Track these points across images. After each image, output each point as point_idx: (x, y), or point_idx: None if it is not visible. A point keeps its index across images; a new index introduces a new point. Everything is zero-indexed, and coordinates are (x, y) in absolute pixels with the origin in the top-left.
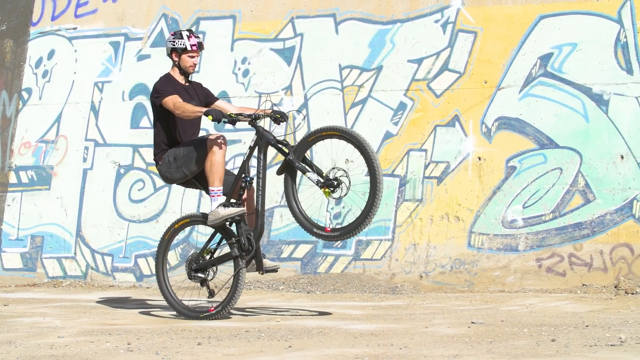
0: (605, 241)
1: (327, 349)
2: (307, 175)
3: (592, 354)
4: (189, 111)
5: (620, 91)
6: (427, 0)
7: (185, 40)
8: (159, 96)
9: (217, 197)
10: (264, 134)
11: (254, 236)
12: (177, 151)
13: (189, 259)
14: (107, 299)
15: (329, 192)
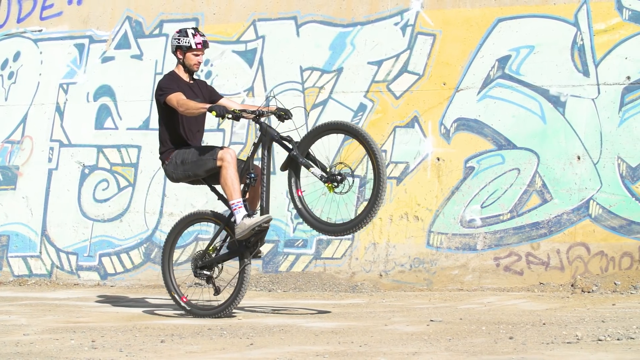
0: (562, 240)
1: (288, 346)
2: (310, 171)
3: (549, 351)
4: (192, 108)
5: (577, 93)
6: (387, 3)
7: (191, 39)
8: (162, 94)
9: (240, 209)
10: (268, 130)
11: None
12: (185, 155)
13: (194, 257)
14: (72, 297)
15: (333, 187)
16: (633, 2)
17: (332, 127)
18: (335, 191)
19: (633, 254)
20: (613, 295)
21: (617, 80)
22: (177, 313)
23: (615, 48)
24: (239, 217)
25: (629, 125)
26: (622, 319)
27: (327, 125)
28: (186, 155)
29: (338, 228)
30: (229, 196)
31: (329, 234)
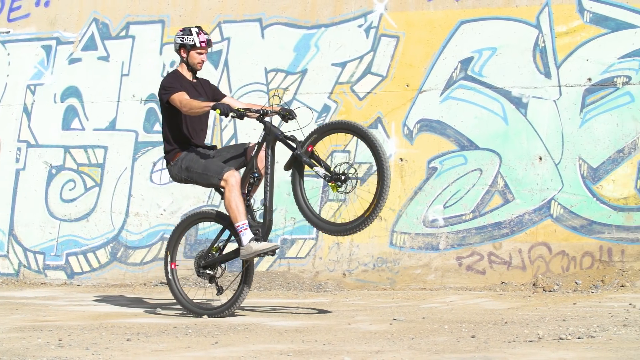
0: (523, 240)
1: (252, 345)
2: (314, 170)
3: (510, 349)
4: (196, 107)
5: (539, 94)
6: (351, 6)
7: (195, 37)
8: (166, 93)
9: (245, 231)
10: (272, 129)
11: (262, 232)
12: (191, 163)
13: (197, 256)
14: (39, 296)
15: (336, 187)
16: (594, 5)
17: (337, 127)
18: (339, 190)
19: (594, 254)
20: (574, 295)
21: (579, 81)
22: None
23: (577, 50)
24: (245, 239)
25: (590, 126)
26: (583, 318)
27: (332, 125)
28: (192, 164)
29: (341, 227)
30: (233, 219)
31: (332, 233)
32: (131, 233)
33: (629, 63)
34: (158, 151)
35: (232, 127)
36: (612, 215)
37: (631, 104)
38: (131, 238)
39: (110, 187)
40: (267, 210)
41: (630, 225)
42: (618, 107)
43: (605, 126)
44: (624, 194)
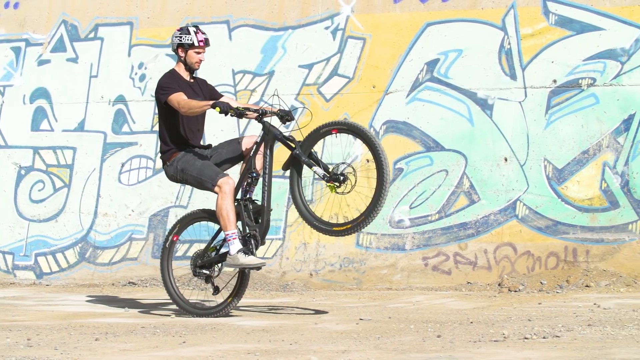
0: (489, 241)
1: (220, 344)
2: (313, 170)
3: (476, 349)
4: (194, 107)
5: (504, 96)
6: (318, 8)
7: (193, 36)
8: (164, 93)
9: (234, 241)
10: (271, 129)
11: (260, 232)
12: (186, 165)
13: (194, 256)
14: (8, 296)
15: (334, 187)
16: (559, 7)
17: (335, 127)
18: (337, 191)
19: (559, 254)
20: (539, 294)
21: (544, 83)
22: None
23: (542, 52)
24: (234, 248)
25: (555, 127)
26: (548, 318)
27: (332, 125)
28: (188, 166)
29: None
30: (224, 227)
31: (330, 234)
32: (100, 233)
33: (593, 65)
34: (126, 152)
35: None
36: (577, 216)
37: (596, 106)
38: (100, 238)
39: (79, 187)
40: (264, 210)
41: (594, 226)
42: (583, 109)
43: (570, 127)
44: (588, 195)
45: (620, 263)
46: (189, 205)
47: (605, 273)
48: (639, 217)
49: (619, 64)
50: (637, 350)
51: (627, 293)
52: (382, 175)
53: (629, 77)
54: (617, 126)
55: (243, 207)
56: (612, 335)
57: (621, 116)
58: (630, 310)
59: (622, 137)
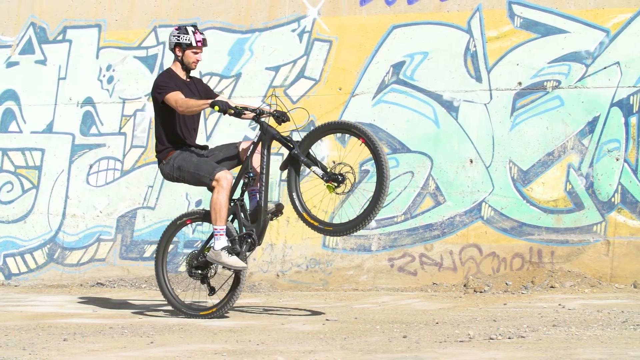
0: (454, 242)
1: (187, 344)
2: (312, 169)
3: (442, 349)
4: (193, 106)
5: (470, 98)
6: (285, 10)
7: (191, 36)
8: (161, 92)
9: (220, 237)
10: (268, 129)
11: (257, 232)
12: (183, 162)
13: (189, 256)
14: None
15: (333, 187)
16: (524, 10)
17: (335, 127)
18: (336, 191)
19: (524, 255)
20: (504, 295)
21: (509, 85)
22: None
23: (507, 54)
24: (218, 244)
25: (520, 129)
26: (513, 318)
27: (330, 125)
28: (184, 163)
29: (337, 228)
30: (214, 221)
31: (328, 234)
32: (68, 234)
33: (558, 67)
34: (94, 154)
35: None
36: (542, 217)
37: (561, 108)
38: (68, 239)
39: (47, 189)
40: (261, 210)
41: (559, 227)
42: (548, 111)
43: (535, 129)
44: (553, 197)
45: (585, 264)
46: (156, 206)
47: (570, 274)
48: (603, 219)
49: (583, 67)
50: (602, 351)
51: (591, 294)
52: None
53: (593, 80)
54: (581, 128)
55: (239, 207)
56: (576, 336)
57: (586, 118)
58: (594, 310)
59: (587, 139)
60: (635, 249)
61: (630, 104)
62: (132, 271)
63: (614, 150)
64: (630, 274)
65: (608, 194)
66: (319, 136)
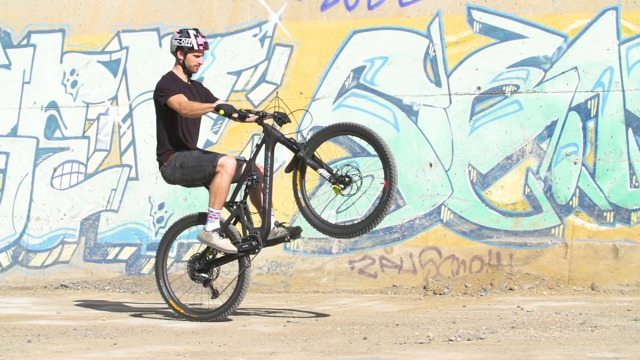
0: (414, 245)
1: (150, 346)
2: (318, 172)
3: (401, 351)
4: (197, 109)
5: (429, 102)
6: (247, 16)
7: (193, 39)
8: (163, 95)
9: (214, 220)
10: (272, 132)
11: (261, 234)
12: (184, 159)
13: (191, 259)
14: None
15: (340, 189)
16: (483, 16)
17: (341, 129)
18: (342, 193)
19: (483, 258)
20: (463, 297)
21: (468, 90)
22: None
23: (466, 59)
24: (210, 226)
25: (479, 133)
26: (472, 320)
27: (336, 127)
28: (186, 159)
29: (345, 230)
30: (211, 203)
31: (336, 236)
32: (32, 237)
33: (517, 72)
34: (58, 157)
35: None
36: (500, 221)
37: (519, 112)
38: (32, 242)
39: (11, 192)
40: (266, 213)
41: (518, 230)
42: (506, 115)
43: (494, 134)
44: (512, 200)
45: (543, 266)
46: (119, 209)
47: (528, 276)
48: (561, 222)
49: (541, 72)
50: (560, 352)
51: (549, 296)
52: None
53: (551, 84)
54: (540, 132)
55: (243, 209)
56: (535, 337)
57: (544, 122)
58: (552, 312)
59: (545, 143)
60: (593, 251)
61: (588, 109)
62: (95, 273)
63: (572, 154)
64: (587, 276)
65: (566, 197)
66: (324, 138)
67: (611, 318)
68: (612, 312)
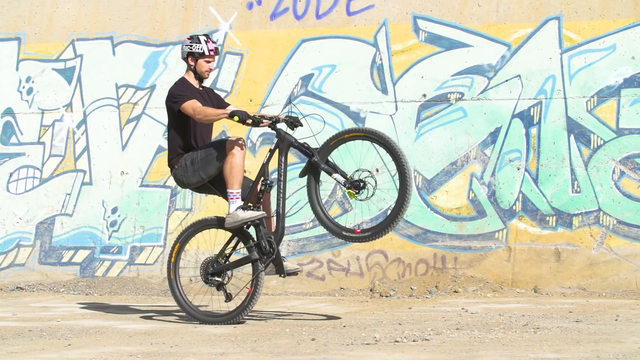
0: (361, 248)
1: (104, 347)
2: (333, 177)
3: (349, 352)
4: (211, 115)
5: (376, 109)
6: (198, 24)
7: (203, 45)
8: (176, 101)
9: (236, 200)
10: (286, 136)
11: (275, 239)
12: (194, 155)
13: (204, 263)
14: None
15: (354, 194)
16: (429, 25)
17: (356, 134)
18: (357, 198)
19: (428, 261)
20: (409, 300)
21: (414, 97)
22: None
23: (412, 67)
24: (233, 207)
25: (425, 140)
26: (418, 322)
27: (349, 132)
28: (195, 155)
29: (360, 235)
30: (229, 184)
31: (351, 240)
32: None
33: (461, 80)
34: (14, 162)
35: None
36: (445, 225)
37: (464, 119)
38: None
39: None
40: (280, 217)
41: (462, 234)
42: (451, 122)
43: (439, 140)
44: (457, 204)
45: (487, 269)
46: (74, 213)
47: (472, 279)
48: (505, 226)
49: (486, 79)
50: (503, 353)
51: (493, 298)
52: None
53: (495, 92)
54: (484, 139)
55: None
56: (479, 339)
57: (488, 129)
58: (496, 314)
59: (489, 149)
60: (536, 255)
61: (531, 116)
62: (50, 276)
63: (515, 160)
64: (530, 279)
65: (509, 202)
66: (339, 143)
67: (553, 320)
68: (554, 314)
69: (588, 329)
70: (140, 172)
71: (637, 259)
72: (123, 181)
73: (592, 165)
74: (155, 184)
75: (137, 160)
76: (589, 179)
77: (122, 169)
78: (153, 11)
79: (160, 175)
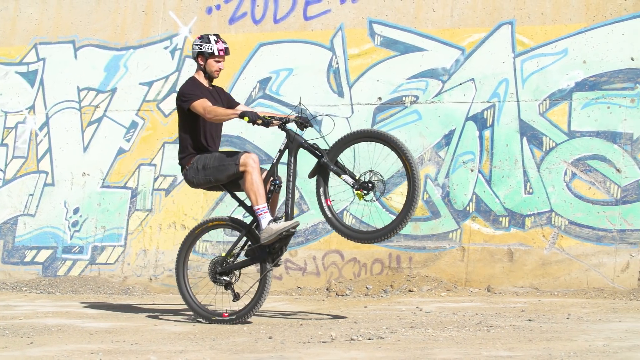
0: (317, 248)
1: (65, 345)
2: (342, 178)
3: (305, 349)
4: (221, 114)
5: (332, 112)
6: (158, 29)
7: (213, 45)
8: (186, 100)
9: (265, 214)
10: (295, 137)
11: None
12: (206, 160)
13: (212, 262)
14: None
15: (363, 195)
16: (384, 29)
17: (364, 135)
18: (366, 199)
19: (383, 261)
20: (365, 299)
21: (370, 100)
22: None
23: (368, 71)
24: (264, 222)
25: None
26: (373, 320)
27: (359, 134)
28: (208, 161)
29: (369, 235)
30: (254, 202)
31: (360, 241)
32: None
33: (416, 83)
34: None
35: None
36: None
37: (418, 122)
38: None
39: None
40: (289, 217)
41: (417, 234)
42: (406, 125)
43: None
44: None
45: (441, 269)
46: (36, 214)
47: (427, 278)
48: (458, 226)
49: (440, 83)
50: (457, 351)
51: (447, 297)
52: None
53: (449, 95)
54: (438, 141)
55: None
56: (433, 337)
57: (442, 131)
58: (450, 313)
59: (443, 151)
60: (489, 254)
61: (485, 118)
62: (13, 275)
63: (469, 162)
64: (483, 278)
65: (463, 203)
66: (348, 144)
67: (506, 318)
68: (507, 313)
69: (540, 327)
70: (102, 173)
71: (588, 258)
72: (84, 182)
73: (544, 167)
74: (116, 185)
75: (99, 162)
76: (541, 181)
77: (83, 170)
78: (114, 15)
79: (121, 176)
